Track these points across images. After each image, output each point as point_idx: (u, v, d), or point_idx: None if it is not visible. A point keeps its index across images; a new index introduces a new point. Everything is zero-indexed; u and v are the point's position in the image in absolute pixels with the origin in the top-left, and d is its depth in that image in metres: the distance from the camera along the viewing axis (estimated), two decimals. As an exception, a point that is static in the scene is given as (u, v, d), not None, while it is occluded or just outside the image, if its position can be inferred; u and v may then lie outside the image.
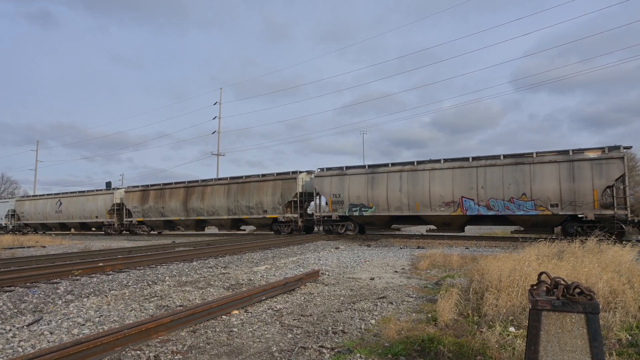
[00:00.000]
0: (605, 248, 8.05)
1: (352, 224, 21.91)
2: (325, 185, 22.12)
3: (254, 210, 25.04)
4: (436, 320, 5.21)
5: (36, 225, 38.52)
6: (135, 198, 30.93)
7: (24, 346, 4.67)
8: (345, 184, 21.42)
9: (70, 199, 35.03)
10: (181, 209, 28.29)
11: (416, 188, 19.42)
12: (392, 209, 20.06)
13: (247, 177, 25.81)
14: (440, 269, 10.22)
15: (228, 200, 26.00)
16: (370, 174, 20.81)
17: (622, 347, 4.10)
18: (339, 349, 4.38)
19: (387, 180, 20.21)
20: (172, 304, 6.73)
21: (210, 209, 26.88)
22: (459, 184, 18.49)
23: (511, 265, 6.40)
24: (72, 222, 35.12)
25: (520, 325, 4.57)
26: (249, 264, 11.92)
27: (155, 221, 30.27)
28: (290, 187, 23.76)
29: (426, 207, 19.21)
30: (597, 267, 6.09)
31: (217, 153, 45.67)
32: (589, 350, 2.74)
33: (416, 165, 19.76)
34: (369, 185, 20.67)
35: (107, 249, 17.51)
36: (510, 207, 17.36)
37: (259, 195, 24.78)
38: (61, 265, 10.86)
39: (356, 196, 21.04)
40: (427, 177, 19.21)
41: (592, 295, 2.83)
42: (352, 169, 21.62)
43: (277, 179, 24.35)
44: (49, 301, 7.03)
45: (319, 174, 22.54)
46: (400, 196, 19.76)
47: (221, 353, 4.40)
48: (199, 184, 27.94)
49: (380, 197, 20.31)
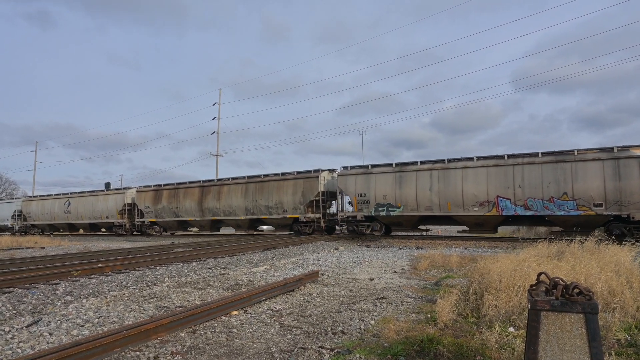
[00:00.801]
0: (604, 248, 8.06)
1: (378, 225, 21.08)
2: (350, 184, 21.47)
3: (274, 210, 24.35)
4: (435, 320, 5.21)
5: (43, 226, 37.84)
6: (148, 198, 30.16)
7: (23, 347, 4.66)
8: (371, 183, 20.72)
9: (80, 199, 34.33)
10: (196, 209, 27.56)
11: (448, 187, 18.71)
12: (421, 208, 19.39)
13: (265, 176, 25.13)
14: (440, 269, 10.22)
15: (246, 200, 25.30)
16: (397, 172, 20.12)
17: (621, 347, 4.11)
18: (339, 350, 4.38)
19: (416, 179, 19.53)
20: (171, 304, 6.73)
21: (227, 209, 26.19)
22: (494, 182, 17.78)
23: (510, 265, 6.40)
24: (82, 222, 34.48)
25: (519, 326, 4.57)
26: (249, 264, 11.92)
27: (168, 222, 29.52)
28: (312, 186, 23.02)
29: (458, 207, 18.51)
30: (596, 268, 6.09)
31: (217, 154, 45.67)
32: (588, 350, 2.75)
33: (447, 163, 19.02)
34: (397, 184, 19.98)
35: (106, 250, 17.49)
36: (550, 207, 16.69)
37: (278, 194, 24.06)
38: (60, 266, 10.86)
39: (383, 195, 20.32)
40: (460, 176, 18.48)
41: (591, 295, 2.83)
42: (378, 167, 20.94)
43: (298, 177, 23.64)
44: (48, 302, 7.02)
45: (343, 173, 21.88)
46: (431, 195, 19.09)
47: (221, 354, 4.40)
48: (215, 184, 27.23)
49: (409, 196, 19.64)
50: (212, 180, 27.73)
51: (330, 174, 23.65)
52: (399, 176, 20.03)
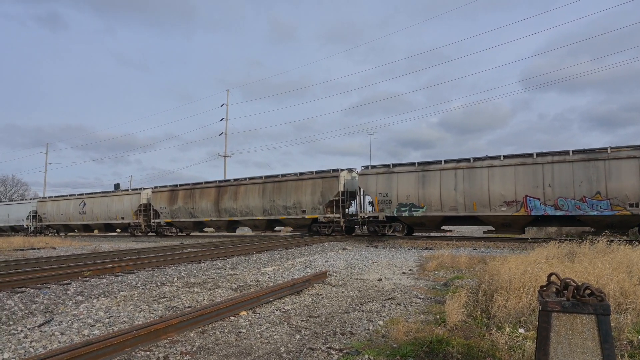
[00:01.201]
0: (616, 249, 7.97)
1: (400, 225, 20.67)
2: (371, 183, 21.00)
3: (292, 210, 23.95)
4: (445, 321, 5.18)
5: (58, 226, 37.78)
6: (163, 198, 29.94)
7: (36, 347, 4.72)
8: (393, 183, 20.30)
9: (95, 200, 34.26)
10: (212, 210, 27.24)
11: (473, 186, 18.25)
12: (446, 209, 18.94)
13: (283, 176, 24.81)
14: (448, 270, 10.17)
15: (263, 200, 24.95)
16: (420, 172, 19.68)
17: (634, 349, 4.06)
18: (347, 350, 4.38)
19: (440, 178, 19.08)
20: (180, 305, 6.77)
21: (244, 209, 25.85)
22: (522, 181, 17.27)
23: (521, 266, 6.35)
24: (97, 223, 34.40)
25: (530, 327, 4.53)
26: (257, 265, 11.95)
27: (184, 222, 29.23)
28: (331, 185, 22.60)
29: (485, 207, 18.04)
30: (608, 268, 6.02)
31: (225, 154, 45.90)
32: (600, 352, 2.71)
33: (472, 162, 18.55)
34: (420, 184, 19.57)
35: (116, 251, 17.65)
36: (582, 207, 16.16)
37: (297, 194, 23.68)
38: (71, 267, 10.98)
39: (405, 195, 19.90)
40: (486, 175, 18.03)
41: (603, 296, 2.80)
42: (400, 167, 20.55)
43: (317, 177, 23.24)
44: (60, 302, 7.10)
45: (364, 172, 21.46)
46: (456, 195, 18.64)
47: (230, 354, 4.41)
48: (232, 184, 26.87)
49: (432, 196, 19.21)
50: (229, 180, 27.43)
51: (349, 174, 23.24)
52: (422, 175, 19.63)
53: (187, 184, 29.47)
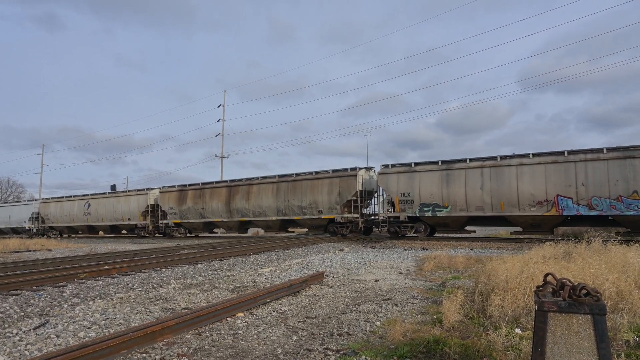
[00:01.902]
0: (612, 249, 8.00)
1: (422, 226, 20.05)
2: (392, 183, 20.39)
3: (307, 210, 23.15)
4: (442, 321, 5.19)
5: (62, 228, 36.77)
6: (172, 199, 29.05)
7: (31, 349, 4.69)
8: (415, 182, 19.72)
9: (100, 200, 33.29)
10: (223, 210, 26.43)
11: (501, 185, 17.67)
12: (471, 208, 18.32)
13: (298, 175, 24.08)
14: (445, 270, 10.18)
15: (277, 200, 24.18)
16: (444, 170, 19.11)
17: (630, 348, 4.07)
18: (344, 351, 4.37)
19: (465, 177, 18.48)
20: (177, 306, 6.75)
21: (257, 209, 25.07)
22: (553, 180, 16.69)
23: (517, 266, 6.36)
24: (102, 224, 33.44)
25: (526, 327, 4.54)
26: (254, 266, 11.93)
27: (193, 223, 28.40)
28: (349, 185, 21.84)
29: (513, 207, 17.45)
30: (604, 268, 6.04)
31: (221, 156, 45.82)
32: (596, 352, 2.72)
33: (500, 160, 18.00)
34: (444, 183, 18.95)
35: (113, 252, 17.58)
36: (618, 207, 15.57)
37: (312, 194, 22.89)
38: (67, 269, 10.92)
39: (429, 195, 19.31)
40: (515, 173, 17.44)
41: (599, 296, 2.81)
42: (422, 165, 19.96)
43: (334, 176, 22.51)
44: (55, 304, 7.06)
45: (384, 171, 20.82)
46: (482, 194, 18.04)
47: (226, 355, 4.40)
48: (244, 183, 26.08)
49: (457, 195, 18.60)
50: (240, 179, 26.60)
51: (367, 172, 22.62)
52: (445, 174, 19.04)
53: (197, 183, 28.67)
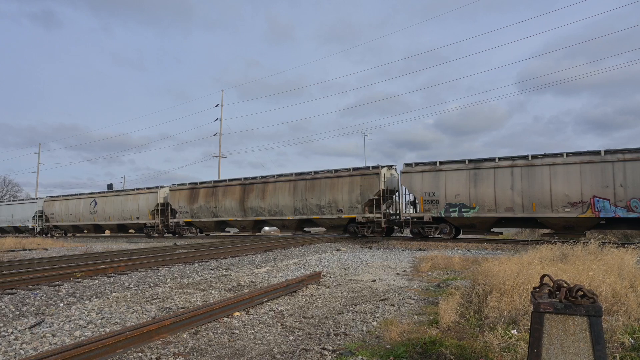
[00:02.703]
0: (608, 251, 8.03)
1: (447, 227, 19.43)
2: (416, 182, 19.79)
3: (326, 209, 22.40)
4: (438, 322, 5.20)
5: (67, 227, 35.88)
6: (182, 197, 28.30)
7: (26, 348, 4.67)
8: (441, 181, 19.12)
9: (107, 199, 32.39)
10: (237, 209, 25.66)
11: (533, 186, 17.07)
12: (501, 209, 17.73)
13: (316, 173, 23.33)
14: (442, 271, 10.20)
15: (294, 199, 23.43)
16: (472, 169, 18.48)
17: (625, 350, 4.09)
18: (341, 351, 4.37)
19: (494, 176, 17.90)
20: (173, 305, 6.74)
21: (273, 208, 24.30)
22: (589, 181, 16.08)
23: (514, 268, 6.38)
24: (109, 223, 32.52)
25: (522, 328, 4.55)
26: (251, 266, 11.92)
27: (205, 222, 27.62)
28: (371, 183, 21.08)
29: (545, 208, 16.84)
30: (601, 270, 6.06)
31: (219, 155, 45.75)
32: (592, 354, 2.73)
33: (531, 160, 17.38)
34: (471, 183, 18.35)
35: (109, 251, 17.53)
36: None
37: (332, 193, 22.18)
38: (63, 268, 10.88)
39: (455, 195, 18.70)
40: (547, 173, 16.86)
41: (595, 298, 2.82)
42: (448, 164, 19.28)
43: (355, 174, 21.81)
44: (51, 303, 7.03)
45: (408, 170, 20.18)
46: (512, 195, 17.48)
47: (223, 355, 4.39)
48: (259, 181, 25.29)
49: (486, 196, 18.03)
50: (255, 177, 25.92)
51: (389, 171, 21.90)
52: (473, 174, 18.43)
53: (209, 181, 28.02)
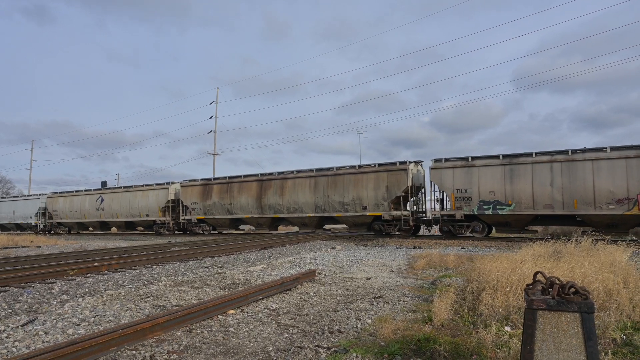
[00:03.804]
0: (601, 248, 8.09)
1: (480, 225, 18.64)
2: (446, 178, 19.06)
3: (350, 207, 21.70)
4: (432, 319, 5.22)
5: (72, 224, 34.92)
6: (195, 193, 27.57)
7: (19, 346, 4.64)
8: (474, 177, 18.36)
9: (114, 195, 31.58)
10: (254, 206, 24.90)
11: (574, 182, 16.39)
12: (539, 206, 16.98)
13: (338, 169, 22.62)
14: (437, 268, 10.24)
15: (315, 196, 22.69)
16: (507, 165, 17.74)
17: (617, 346, 4.13)
18: (335, 349, 4.38)
19: (532, 172, 17.17)
20: (168, 303, 6.71)
21: (292, 205, 23.55)
22: (636, 176, 15.46)
23: (507, 265, 6.41)
24: (117, 220, 31.63)
25: (516, 325, 4.58)
26: (245, 263, 11.90)
27: (219, 219, 26.87)
28: (398, 179, 20.45)
29: (588, 205, 16.16)
30: (593, 267, 6.11)
31: (214, 152, 45.62)
32: (584, 350, 2.75)
33: (572, 155, 16.65)
34: (507, 179, 17.63)
35: (103, 249, 17.43)
36: None
37: (356, 189, 21.53)
38: (56, 265, 10.81)
39: (489, 192, 17.94)
40: (590, 169, 16.16)
41: (587, 294, 2.84)
42: (481, 160, 18.50)
43: (381, 170, 21.13)
44: (44, 301, 6.99)
45: (437, 166, 19.42)
46: (552, 191, 16.75)
47: (217, 353, 4.39)
48: (277, 177, 24.61)
49: (523, 192, 17.29)
50: (272, 173, 25.23)
51: (416, 167, 21.32)
52: (509, 169, 17.70)
53: (223, 177, 27.27)
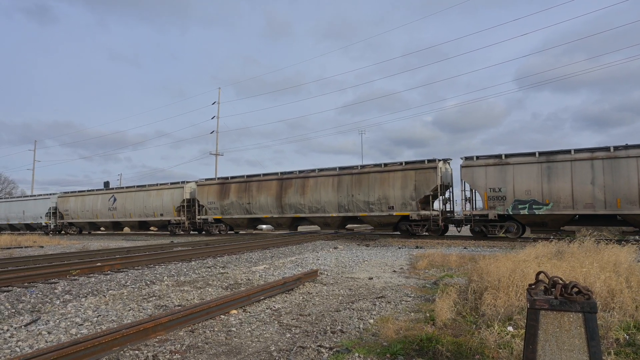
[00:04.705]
0: (604, 248, 8.07)
1: (514, 225, 18.05)
2: (479, 176, 18.41)
3: (375, 206, 21.16)
4: (434, 319, 5.21)
5: (83, 224, 34.57)
6: (212, 192, 27.02)
7: (22, 346, 4.66)
8: (508, 176, 17.76)
9: (127, 195, 31.18)
10: (274, 205, 24.39)
11: (618, 180, 15.79)
12: (579, 206, 16.35)
13: (363, 167, 22.15)
14: (439, 268, 10.22)
15: (339, 195, 22.19)
16: (544, 162, 17.09)
17: (620, 346, 4.11)
18: (338, 349, 4.38)
19: (571, 170, 16.55)
20: (170, 303, 6.72)
21: (314, 205, 22.98)
22: None
23: (510, 265, 6.40)
24: (130, 220, 31.25)
25: (518, 325, 4.57)
26: (248, 263, 11.91)
27: (237, 219, 26.30)
28: (427, 178, 19.94)
29: (633, 205, 15.57)
30: (596, 267, 6.09)
31: (216, 153, 45.68)
32: (587, 350, 2.74)
33: (614, 151, 16.02)
34: (544, 177, 17.01)
35: (106, 249, 17.47)
36: None
37: (382, 188, 20.97)
38: (59, 265, 10.84)
39: (525, 190, 17.35)
40: (635, 166, 15.59)
41: (590, 294, 2.83)
42: (515, 157, 17.85)
43: (408, 168, 20.59)
44: (47, 301, 7.01)
45: (469, 164, 18.78)
46: (593, 190, 16.16)
47: (219, 353, 4.39)
48: (297, 176, 24.06)
49: (561, 191, 16.67)
50: (292, 172, 24.69)
51: (444, 165, 20.76)
52: (546, 167, 17.06)
53: (241, 176, 26.61)
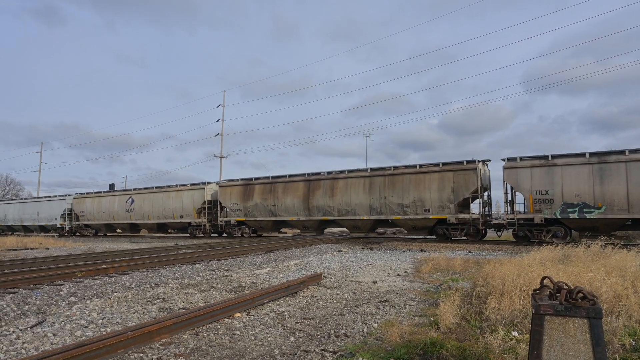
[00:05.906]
0: (610, 253, 8.01)
1: (562, 230, 17.16)
2: (523, 178, 17.64)
3: (410, 209, 20.45)
4: (439, 324, 5.19)
5: (99, 226, 34.28)
6: (234, 194, 26.40)
7: (28, 348, 4.69)
8: (556, 178, 17.02)
9: (145, 196, 30.69)
10: (301, 207, 23.65)
11: None
12: (634, 209, 15.64)
13: (396, 168, 21.40)
14: (443, 272, 10.19)
15: (370, 197, 21.48)
16: (596, 164, 16.39)
17: (626, 352, 4.08)
18: (342, 353, 4.38)
19: (626, 171, 15.86)
20: (174, 306, 6.75)
21: (344, 207, 22.27)
22: None
23: (515, 269, 6.37)
24: (147, 222, 30.71)
25: (523, 330, 4.55)
26: (252, 266, 11.92)
27: (261, 221, 25.63)
28: (466, 180, 19.14)
29: None
30: (602, 272, 6.06)
31: (220, 155, 45.84)
32: (592, 355, 2.73)
33: None
34: (596, 179, 16.34)
35: (110, 251, 17.55)
36: None
37: (417, 190, 20.27)
38: (64, 267, 10.90)
39: (575, 193, 16.63)
40: None
41: (595, 299, 2.81)
42: (564, 158, 17.11)
43: (446, 169, 19.81)
44: (52, 303, 7.05)
45: (512, 165, 17.99)
46: None
47: (223, 356, 4.40)
48: (326, 177, 23.31)
49: (615, 194, 15.95)
50: (320, 173, 23.94)
51: (484, 166, 20.01)
52: (598, 168, 16.35)
53: (266, 177, 25.90)
